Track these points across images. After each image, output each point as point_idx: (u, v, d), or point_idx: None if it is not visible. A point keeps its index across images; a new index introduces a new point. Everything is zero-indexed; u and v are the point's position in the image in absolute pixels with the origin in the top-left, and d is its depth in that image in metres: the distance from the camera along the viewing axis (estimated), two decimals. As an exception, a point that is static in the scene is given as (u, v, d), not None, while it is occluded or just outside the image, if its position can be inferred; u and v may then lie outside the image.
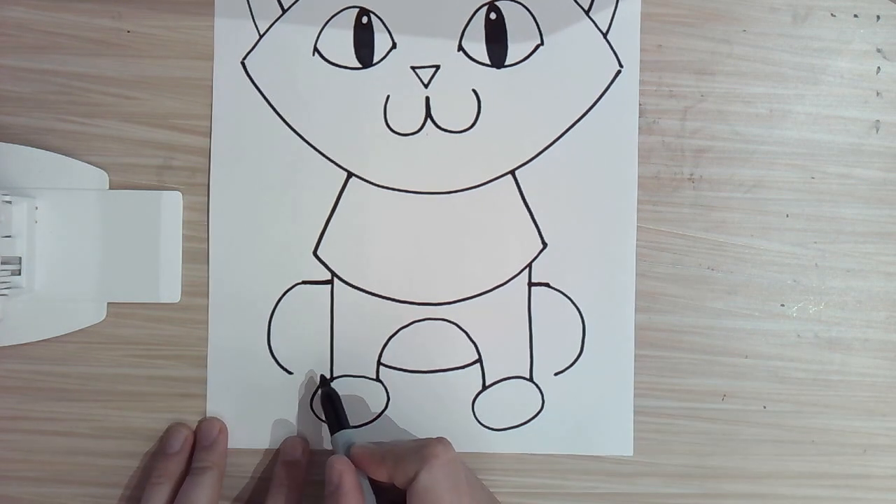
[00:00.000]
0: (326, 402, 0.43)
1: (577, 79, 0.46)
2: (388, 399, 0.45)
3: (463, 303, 0.45)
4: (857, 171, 0.46)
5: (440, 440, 0.39)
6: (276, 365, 0.45)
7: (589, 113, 0.46)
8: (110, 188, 0.45)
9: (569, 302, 0.45)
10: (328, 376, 0.45)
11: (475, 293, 0.45)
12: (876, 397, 0.46)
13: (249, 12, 0.45)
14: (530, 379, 0.45)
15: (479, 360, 0.45)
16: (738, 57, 0.46)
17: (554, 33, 0.45)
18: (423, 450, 0.38)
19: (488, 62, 0.45)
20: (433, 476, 0.37)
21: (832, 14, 0.46)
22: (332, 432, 0.42)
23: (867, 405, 0.46)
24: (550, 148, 0.46)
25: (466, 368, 0.45)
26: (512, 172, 0.45)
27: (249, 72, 0.45)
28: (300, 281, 0.45)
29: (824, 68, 0.46)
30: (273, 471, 0.44)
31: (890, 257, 0.46)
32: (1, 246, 0.42)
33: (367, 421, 0.45)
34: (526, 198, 0.45)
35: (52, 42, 0.45)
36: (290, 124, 0.45)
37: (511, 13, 0.45)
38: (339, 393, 0.44)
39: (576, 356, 0.45)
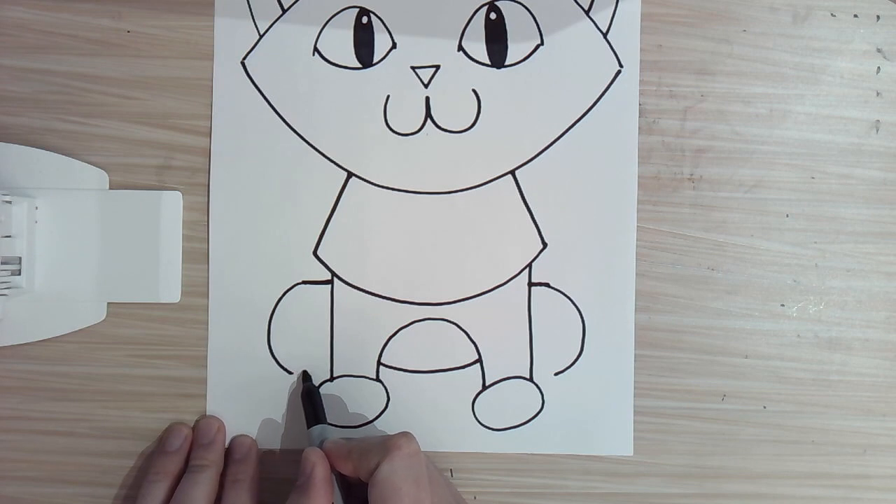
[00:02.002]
0: (306, 397, 0.44)
1: (577, 79, 0.46)
2: (388, 399, 0.45)
3: (463, 303, 0.45)
4: (857, 171, 0.46)
5: (404, 434, 0.39)
6: (276, 365, 0.45)
7: (589, 113, 0.46)
8: (110, 188, 0.45)
9: (569, 302, 0.45)
10: (329, 376, 0.45)
11: (475, 293, 0.45)
12: (876, 397, 0.46)
13: (249, 12, 0.45)
14: (530, 379, 0.45)
15: (479, 360, 0.45)
16: (738, 57, 0.46)
17: (554, 33, 0.45)
18: (385, 442, 0.38)
19: (488, 62, 0.45)
20: (393, 467, 0.37)
21: (832, 14, 0.46)
22: (309, 426, 0.43)
23: (867, 405, 0.46)
24: (550, 148, 0.46)
25: (466, 368, 0.45)
26: (512, 172, 0.45)
27: (249, 72, 0.45)
28: (300, 281, 0.45)
29: (824, 68, 0.46)
30: (228, 469, 0.43)
31: (890, 257, 0.46)
32: (1, 246, 0.42)
33: (367, 421, 0.45)
34: (526, 198, 0.45)
35: (51, 42, 0.45)
36: (290, 124, 0.45)
37: (511, 13, 0.45)
38: (340, 392, 0.45)
39: (576, 356, 0.45)
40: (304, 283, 0.45)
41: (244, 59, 0.45)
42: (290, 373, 0.45)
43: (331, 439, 0.41)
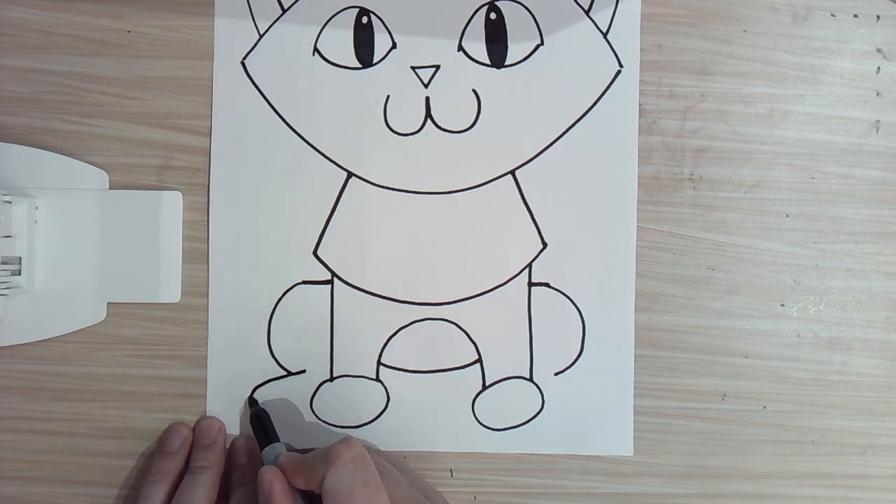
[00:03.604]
0: (255, 420, 0.43)
1: (577, 79, 0.46)
2: (388, 399, 0.45)
3: (463, 303, 0.45)
4: (857, 171, 0.46)
5: (344, 440, 0.39)
6: (276, 365, 0.45)
7: (589, 113, 0.46)
8: (110, 188, 0.45)
9: (569, 302, 0.45)
10: (329, 376, 0.45)
11: (475, 293, 0.45)
12: (876, 397, 0.46)
13: (249, 12, 0.45)
14: (530, 379, 0.45)
15: (479, 360, 0.45)
16: (738, 57, 0.46)
17: (554, 33, 0.45)
18: (327, 452, 0.38)
19: (488, 62, 0.45)
20: (338, 476, 0.37)
21: (832, 14, 0.46)
22: (262, 448, 0.43)
23: (867, 405, 0.46)
24: (550, 148, 0.46)
25: (466, 368, 0.45)
26: (512, 172, 0.45)
27: (249, 72, 0.45)
28: (300, 281, 0.45)
29: (824, 68, 0.46)
30: (234, 472, 0.44)
31: (890, 257, 0.46)
32: (1, 246, 0.42)
33: (367, 421, 0.45)
34: (526, 198, 0.45)
35: (51, 42, 0.45)
36: (290, 124, 0.45)
37: (511, 13, 0.45)
38: (340, 392, 0.45)
39: (576, 356, 0.45)
40: (304, 283, 0.45)
41: (244, 59, 0.45)
42: (291, 373, 0.45)
43: (284, 455, 0.41)
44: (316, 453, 0.39)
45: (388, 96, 0.45)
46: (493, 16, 0.45)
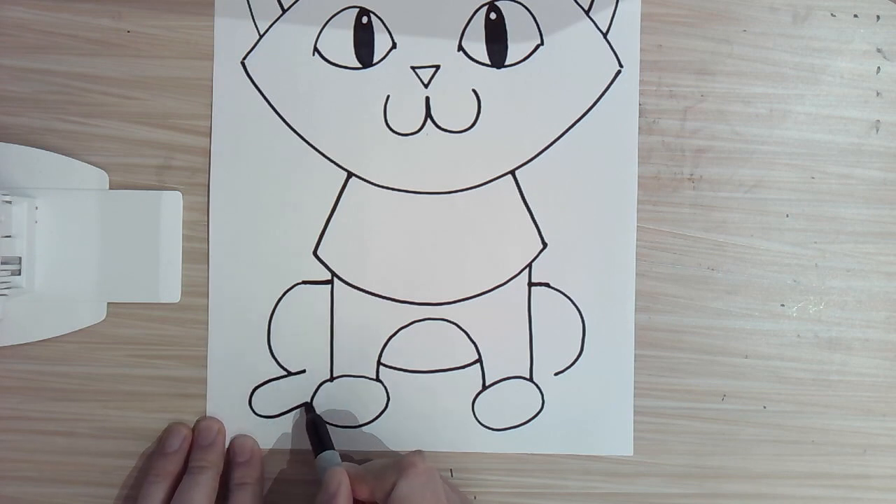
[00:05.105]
0: (311, 427, 0.44)
1: (577, 79, 0.46)
2: (388, 399, 0.45)
3: (463, 303, 0.45)
4: (857, 171, 0.46)
5: (417, 452, 0.40)
6: (276, 365, 0.45)
7: (589, 113, 0.46)
8: (110, 188, 0.45)
9: (569, 302, 0.45)
10: (329, 376, 0.45)
11: (475, 293, 0.45)
12: (876, 397, 0.46)
13: (249, 12, 0.45)
14: (530, 379, 0.45)
15: (479, 360, 0.45)
16: (738, 57, 0.46)
17: (554, 33, 0.46)
18: (400, 462, 0.39)
19: (488, 62, 0.45)
20: (410, 484, 0.38)
21: (832, 14, 0.46)
22: (317, 454, 0.43)
23: (867, 405, 0.46)
24: (550, 148, 0.46)
25: (466, 368, 0.45)
26: (512, 172, 0.45)
27: (249, 72, 0.45)
28: (300, 281, 0.45)
29: (824, 68, 0.46)
30: (233, 472, 0.44)
31: (890, 257, 0.46)
32: (1, 246, 0.42)
33: (367, 421, 0.45)
34: (526, 198, 0.45)
35: (51, 42, 0.45)
36: (290, 124, 0.45)
37: (511, 13, 0.45)
38: (340, 392, 0.45)
39: (576, 356, 0.45)
40: (304, 283, 0.45)
41: (244, 59, 0.45)
42: (291, 373, 0.45)
43: (347, 464, 0.42)
44: (383, 462, 0.40)
45: (388, 96, 0.45)
46: (493, 16, 0.45)
